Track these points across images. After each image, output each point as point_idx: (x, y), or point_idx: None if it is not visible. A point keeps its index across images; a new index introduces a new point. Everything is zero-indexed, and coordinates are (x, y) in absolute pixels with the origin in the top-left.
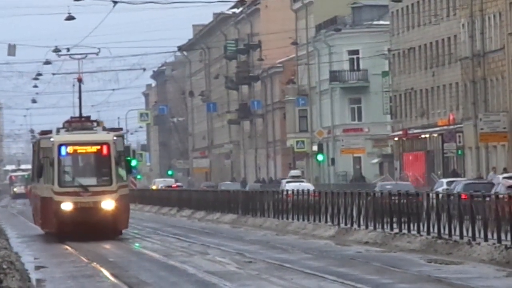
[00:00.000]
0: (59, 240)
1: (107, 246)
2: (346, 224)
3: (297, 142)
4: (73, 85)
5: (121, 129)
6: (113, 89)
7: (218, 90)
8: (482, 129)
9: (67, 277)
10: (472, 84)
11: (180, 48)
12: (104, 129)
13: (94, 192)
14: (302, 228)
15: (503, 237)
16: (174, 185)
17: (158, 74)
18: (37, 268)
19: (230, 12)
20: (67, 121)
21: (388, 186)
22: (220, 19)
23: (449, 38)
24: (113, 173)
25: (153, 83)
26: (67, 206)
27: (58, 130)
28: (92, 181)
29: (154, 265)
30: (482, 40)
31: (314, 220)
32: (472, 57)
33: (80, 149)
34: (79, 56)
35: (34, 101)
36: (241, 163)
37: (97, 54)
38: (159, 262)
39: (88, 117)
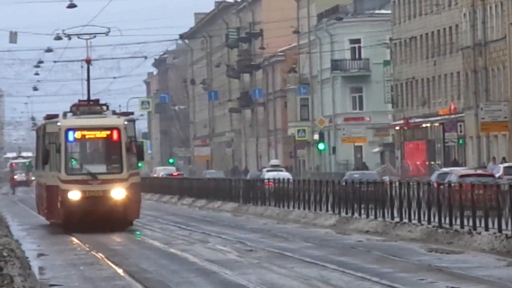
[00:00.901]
0: (65, 232)
1: (108, 234)
2: (347, 213)
3: (298, 130)
4: (81, 67)
5: (132, 113)
6: (114, 77)
7: (220, 79)
8: (483, 118)
9: (67, 264)
10: (473, 74)
11: (181, 36)
12: (114, 113)
13: (104, 180)
14: (303, 217)
15: (503, 226)
16: (175, 173)
17: (159, 62)
18: (38, 255)
19: (232, 0)
20: (74, 105)
21: (356, 175)
22: (222, 7)
23: (450, 27)
24: (123, 160)
25: (155, 71)
26: (74, 195)
27: (65, 114)
28: (101, 168)
29: (155, 253)
30: (483, 30)
31: (315, 209)
32: (473, 46)
33: (89, 134)
34: (88, 36)
35: (35, 88)
36: (242, 152)
37: (106, 34)
38: (159, 250)
39: (97, 101)
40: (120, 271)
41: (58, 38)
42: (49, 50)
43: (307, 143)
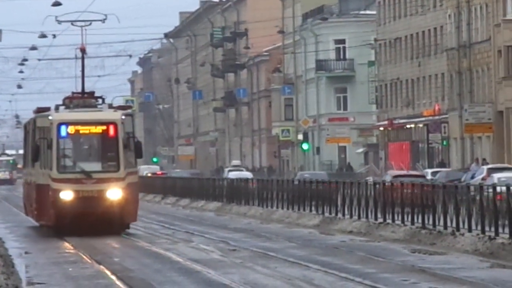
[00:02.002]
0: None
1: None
2: (330, 213)
3: (283, 130)
4: (75, 56)
5: (130, 107)
6: (99, 76)
7: (204, 78)
8: (467, 120)
9: (51, 263)
10: (457, 75)
11: (166, 35)
12: (111, 106)
13: (99, 180)
14: (287, 217)
15: (487, 228)
16: (159, 172)
17: (144, 61)
18: (21, 254)
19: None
20: (67, 97)
21: (306, 175)
22: (207, 7)
23: (435, 28)
24: (120, 157)
25: (139, 70)
26: (67, 195)
27: (57, 107)
28: (96, 166)
29: (138, 252)
30: (468, 31)
31: (299, 209)
32: (458, 48)
33: (83, 129)
34: (83, 24)
35: (19, 86)
36: (226, 151)
37: (103, 21)
38: (143, 249)
39: (92, 93)
40: (103, 269)
41: (43, 36)
42: (33, 48)
43: (291, 143)
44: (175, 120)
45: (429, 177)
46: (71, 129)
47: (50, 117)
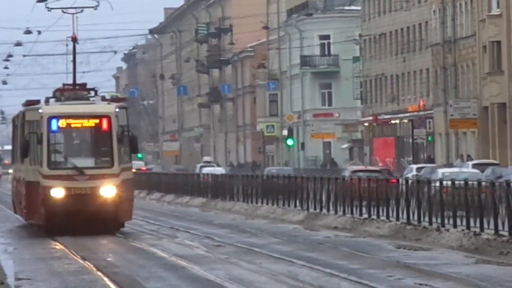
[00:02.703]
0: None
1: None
2: (315, 209)
3: (267, 126)
4: (66, 45)
5: (125, 99)
6: (84, 72)
7: (189, 74)
8: (452, 115)
9: (35, 258)
10: (442, 71)
11: (151, 31)
12: (104, 99)
13: (92, 176)
14: (271, 213)
15: (472, 223)
16: (144, 168)
17: (129, 57)
18: (6, 249)
19: None
20: (58, 89)
21: (273, 170)
22: (192, 3)
23: (420, 24)
24: (114, 152)
25: (124, 66)
26: (58, 192)
27: (47, 100)
28: (89, 162)
29: (123, 247)
30: (453, 27)
31: (284, 205)
32: (443, 43)
33: (75, 123)
34: (74, 11)
35: (4, 82)
36: (211, 147)
37: (95, 8)
38: (127, 245)
39: (84, 85)
40: (88, 265)
41: (28, 32)
42: (18, 44)
43: (276, 139)
44: (160, 116)
45: (414, 172)
46: (62, 122)
47: (40, 110)
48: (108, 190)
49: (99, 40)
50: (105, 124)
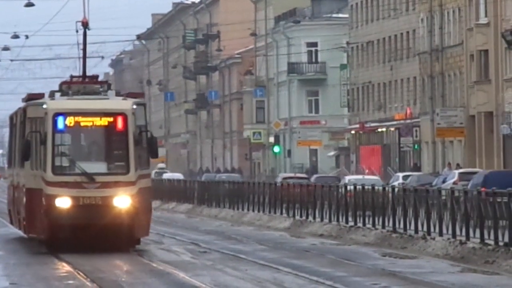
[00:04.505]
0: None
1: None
2: (301, 216)
3: (254, 133)
4: (76, 31)
5: (142, 94)
6: (71, 76)
7: (176, 80)
8: (439, 124)
9: (21, 263)
10: (430, 79)
11: (138, 37)
12: (118, 94)
13: (104, 184)
14: (258, 219)
15: (458, 232)
16: None
17: (116, 63)
18: None
19: (189, 1)
20: (65, 82)
21: (223, 177)
22: (180, 9)
23: (408, 32)
24: (131, 156)
25: (111, 71)
26: (63, 202)
27: (52, 94)
28: (100, 167)
29: (109, 253)
30: (440, 35)
31: (270, 212)
32: (430, 51)
33: (85, 121)
34: None
35: None
36: (198, 153)
37: None
38: (113, 250)
39: (95, 76)
40: (73, 270)
41: (16, 36)
42: (6, 48)
43: (262, 146)
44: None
45: (400, 180)
46: (70, 120)
47: (44, 106)
48: (122, 201)
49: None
50: (120, 123)
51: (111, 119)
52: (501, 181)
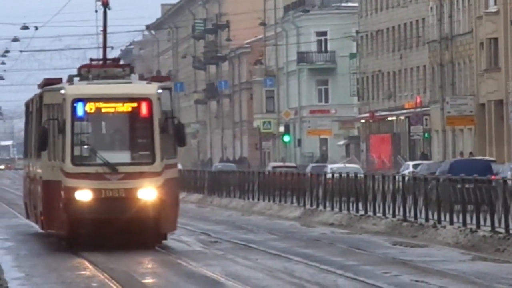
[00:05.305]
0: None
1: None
2: (311, 206)
3: (264, 122)
4: (96, 11)
5: (169, 78)
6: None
7: (186, 70)
8: (449, 112)
9: (32, 254)
10: (439, 67)
11: (148, 27)
12: (142, 78)
13: (127, 175)
14: (268, 209)
15: (468, 220)
16: None
17: (125, 53)
18: (3, 245)
19: None
20: (84, 65)
21: (219, 166)
22: None
23: (417, 20)
24: (156, 145)
25: (121, 62)
26: (84, 195)
27: (71, 79)
28: (124, 157)
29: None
30: (450, 24)
31: (280, 201)
32: (440, 40)
33: (106, 107)
34: None
35: (1, 78)
36: (208, 143)
37: None
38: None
39: (117, 59)
40: (84, 261)
41: (25, 27)
42: (15, 39)
43: (272, 135)
44: None
45: (410, 169)
46: (91, 106)
47: (62, 91)
48: (147, 193)
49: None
50: (144, 109)
51: (134, 104)
52: (465, 168)
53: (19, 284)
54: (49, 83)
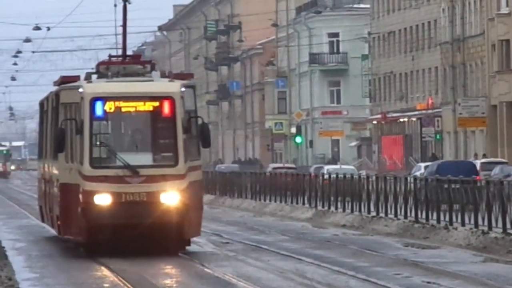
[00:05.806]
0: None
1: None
2: (323, 207)
3: (276, 123)
4: (115, 5)
5: (192, 75)
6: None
7: (198, 71)
8: (460, 114)
9: (43, 255)
10: (451, 69)
11: (160, 28)
12: (164, 75)
13: (149, 177)
14: (280, 210)
15: (480, 222)
16: None
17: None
18: (14, 245)
19: None
20: (103, 62)
21: (222, 167)
22: (201, 0)
23: (429, 22)
24: (179, 146)
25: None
26: (104, 199)
27: (89, 76)
28: (145, 159)
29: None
30: (462, 25)
31: (292, 202)
32: (452, 41)
33: (127, 107)
34: None
35: (13, 78)
36: (219, 144)
37: None
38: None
39: (137, 56)
40: (95, 262)
41: (37, 28)
42: (27, 40)
43: (284, 136)
44: None
45: (422, 170)
46: (110, 106)
47: (80, 90)
48: (170, 197)
49: (108, 36)
50: (167, 108)
51: (156, 103)
52: (452, 169)
53: (30, 285)
54: (66, 81)
